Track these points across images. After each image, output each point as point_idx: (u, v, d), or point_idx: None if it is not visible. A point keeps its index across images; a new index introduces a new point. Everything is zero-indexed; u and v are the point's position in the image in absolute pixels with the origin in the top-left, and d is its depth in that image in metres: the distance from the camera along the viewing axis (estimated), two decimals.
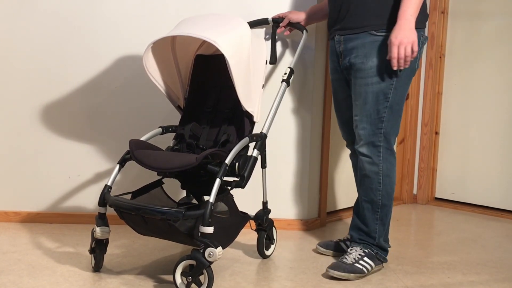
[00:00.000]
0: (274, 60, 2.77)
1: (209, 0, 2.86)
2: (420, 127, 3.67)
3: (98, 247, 2.29)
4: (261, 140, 2.33)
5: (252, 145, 2.32)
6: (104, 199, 2.25)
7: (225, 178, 2.19)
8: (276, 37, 2.78)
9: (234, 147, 2.20)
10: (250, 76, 2.28)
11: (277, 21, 2.74)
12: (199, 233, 2.02)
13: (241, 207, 2.51)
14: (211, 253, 1.99)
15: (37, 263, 2.39)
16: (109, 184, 2.28)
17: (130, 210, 2.12)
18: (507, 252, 2.77)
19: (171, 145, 2.47)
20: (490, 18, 3.47)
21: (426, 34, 2.36)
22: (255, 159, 2.28)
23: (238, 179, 2.22)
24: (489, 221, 3.35)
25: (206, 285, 2.02)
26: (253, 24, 2.77)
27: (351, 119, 2.50)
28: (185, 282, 2.05)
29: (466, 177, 3.62)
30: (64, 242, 2.67)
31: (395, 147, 2.43)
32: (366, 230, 2.41)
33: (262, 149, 2.35)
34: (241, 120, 2.36)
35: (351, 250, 2.41)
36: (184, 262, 2.05)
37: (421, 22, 2.30)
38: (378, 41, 2.27)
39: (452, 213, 3.51)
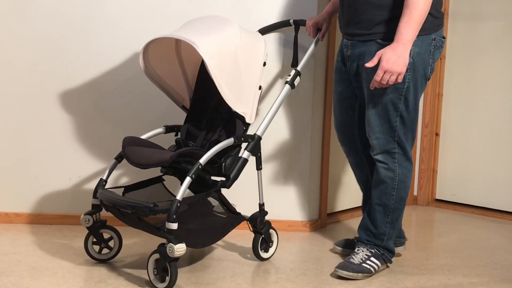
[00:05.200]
0: (295, 63, 2.69)
1: (210, 2, 2.86)
2: (421, 129, 3.67)
3: (87, 236, 2.39)
4: (253, 142, 2.34)
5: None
6: (96, 192, 2.34)
7: (214, 178, 2.29)
8: (298, 39, 2.73)
9: None
10: (241, 77, 2.30)
11: (298, 23, 2.70)
12: (165, 228, 2.09)
13: (241, 209, 2.52)
14: (171, 249, 2.04)
15: (38, 265, 2.39)
16: (104, 178, 2.36)
17: (109, 203, 2.24)
18: (507, 253, 2.77)
19: (174, 144, 2.51)
20: (490, 19, 3.47)
21: (442, 36, 2.29)
22: (245, 160, 2.31)
23: (225, 179, 2.27)
24: (490, 222, 3.35)
25: (167, 281, 2.09)
26: (274, 27, 2.75)
27: (347, 122, 2.49)
28: (152, 276, 2.14)
29: (466, 179, 3.61)
30: (65, 243, 2.67)
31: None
32: (375, 232, 2.41)
33: (255, 150, 2.36)
34: (234, 122, 2.37)
35: (357, 250, 2.41)
36: (153, 255, 2.13)
37: (430, 28, 2.21)
38: None
39: (453, 215, 3.51)
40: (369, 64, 2.15)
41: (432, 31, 2.24)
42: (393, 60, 2.10)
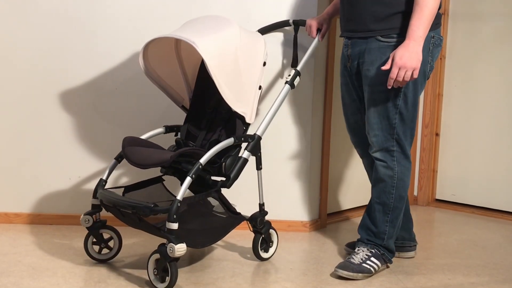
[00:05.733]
0: (295, 63, 2.72)
1: (209, 2, 2.86)
2: (421, 129, 3.67)
3: (87, 236, 2.39)
4: (253, 142, 2.34)
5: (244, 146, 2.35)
6: (96, 192, 2.34)
7: (214, 178, 2.29)
8: (298, 39, 2.74)
9: None
10: (241, 77, 2.30)
11: (297, 23, 2.71)
12: (166, 229, 2.09)
13: (241, 209, 2.51)
14: (171, 249, 2.04)
15: (38, 265, 2.39)
16: (104, 178, 2.37)
17: (109, 203, 2.23)
18: (507, 253, 2.77)
19: (174, 144, 2.51)
20: (490, 20, 3.47)
21: (440, 35, 2.31)
22: (245, 160, 2.32)
23: (225, 179, 2.28)
24: (490, 222, 3.35)
25: (168, 282, 2.08)
26: (274, 27, 2.77)
27: (358, 123, 2.49)
28: (153, 276, 2.14)
29: (466, 179, 3.61)
30: (64, 243, 2.67)
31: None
32: (375, 231, 2.41)
33: (255, 150, 2.37)
34: (234, 121, 2.38)
35: (358, 250, 2.42)
36: (153, 255, 2.13)
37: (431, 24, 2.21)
38: (384, 47, 2.23)
39: (453, 215, 3.51)
40: (385, 67, 2.16)
41: (430, 29, 2.23)
42: (407, 56, 2.12)
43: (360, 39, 2.30)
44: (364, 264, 2.35)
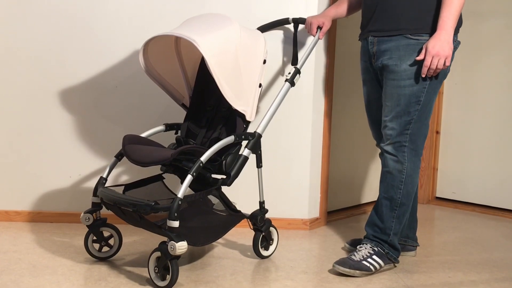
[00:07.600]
0: (295, 61, 2.75)
1: (209, 1, 2.86)
2: None
3: (87, 234, 2.39)
4: (253, 140, 2.34)
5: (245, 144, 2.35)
6: (96, 190, 2.35)
7: (215, 176, 2.29)
8: (297, 37, 2.76)
9: None
10: (241, 75, 2.30)
11: (297, 21, 2.72)
12: (167, 227, 2.09)
13: (242, 207, 2.51)
14: (172, 247, 2.04)
15: (38, 263, 2.39)
16: (104, 176, 2.37)
17: (110, 201, 2.23)
18: (507, 251, 2.77)
19: (174, 142, 2.51)
20: (491, 18, 3.47)
21: (458, 39, 2.38)
22: (245, 158, 2.32)
23: (225, 177, 2.29)
24: (490, 220, 3.35)
25: (168, 280, 2.09)
26: (273, 25, 2.78)
27: (379, 122, 2.50)
28: (153, 274, 2.14)
29: (466, 177, 3.61)
30: (65, 241, 2.67)
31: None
32: (382, 226, 2.42)
33: (255, 148, 2.37)
34: (235, 119, 2.38)
35: (360, 247, 2.42)
36: (154, 253, 2.13)
37: (456, 28, 2.30)
38: (413, 44, 2.28)
39: (453, 213, 3.51)
40: (419, 57, 2.25)
41: (456, 32, 2.31)
42: (439, 45, 2.20)
43: (387, 37, 2.34)
44: (364, 262, 2.35)
